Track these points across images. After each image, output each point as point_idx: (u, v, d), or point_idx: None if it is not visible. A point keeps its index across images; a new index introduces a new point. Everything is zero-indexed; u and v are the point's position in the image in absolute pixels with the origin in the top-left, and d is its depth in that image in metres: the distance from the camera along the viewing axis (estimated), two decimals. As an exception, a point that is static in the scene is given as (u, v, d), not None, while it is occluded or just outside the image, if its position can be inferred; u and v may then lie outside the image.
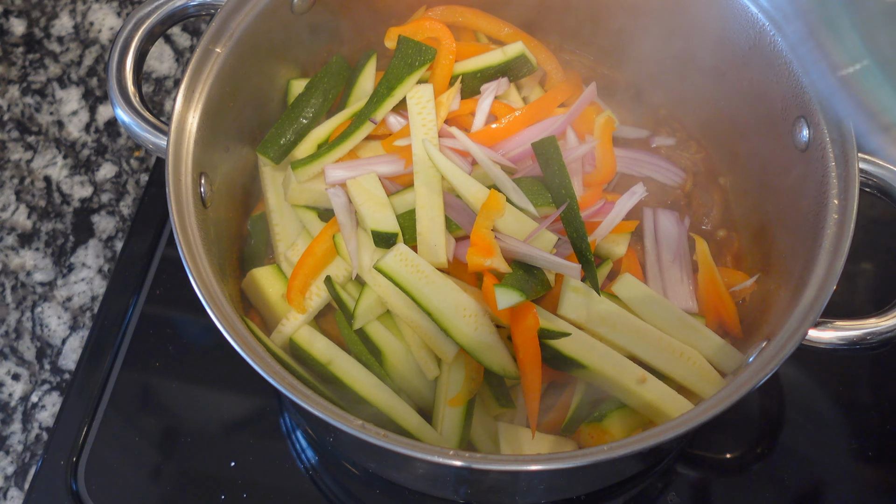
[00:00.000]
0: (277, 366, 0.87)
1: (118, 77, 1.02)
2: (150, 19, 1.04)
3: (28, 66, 1.48)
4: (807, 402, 1.18)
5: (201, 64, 1.02)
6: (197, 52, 1.01)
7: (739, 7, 1.06)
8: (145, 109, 1.02)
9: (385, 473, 1.11)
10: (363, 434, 0.82)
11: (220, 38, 1.03)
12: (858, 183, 0.94)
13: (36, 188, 1.38)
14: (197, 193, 0.98)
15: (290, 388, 0.85)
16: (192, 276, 0.90)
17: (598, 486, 1.12)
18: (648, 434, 0.83)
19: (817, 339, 0.92)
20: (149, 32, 1.04)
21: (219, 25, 1.03)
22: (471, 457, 0.81)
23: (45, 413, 1.23)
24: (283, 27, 1.10)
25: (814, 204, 0.98)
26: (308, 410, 0.83)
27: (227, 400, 1.18)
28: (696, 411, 0.85)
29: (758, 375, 0.86)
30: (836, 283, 0.90)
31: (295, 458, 1.15)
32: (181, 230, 0.93)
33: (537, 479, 0.99)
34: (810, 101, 0.99)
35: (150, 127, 1.01)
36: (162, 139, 1.00)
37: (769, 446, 1.15)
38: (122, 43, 1.03)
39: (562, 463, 0.82)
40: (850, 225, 0.92)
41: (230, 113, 1.08)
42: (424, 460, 0.82)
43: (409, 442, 0.82)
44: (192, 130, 1.00)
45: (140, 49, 1.04)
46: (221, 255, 1.04)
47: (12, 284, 1.32)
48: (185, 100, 1.00)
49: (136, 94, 1.02)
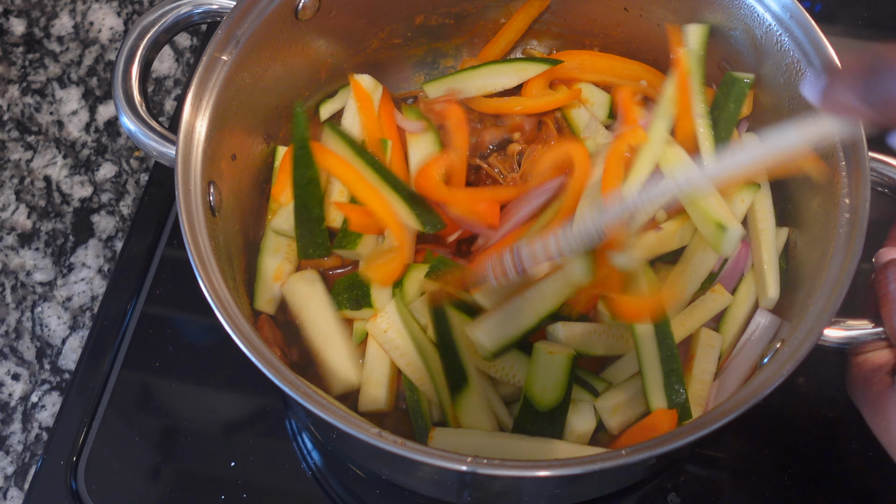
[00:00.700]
0: (291, 374, 0.87)
1: (124, 86, 1.02)
2: (156, 27, 1.04)
3: (28, 66, 1.48)
4: (813, 402, 1.17)
5: (208, 72, 1.01)
6: (203, 60, 1.01)
7: (746, 7, 1.06)
8: (151, 118, 1.02)
9: (391, 476, 1.11)
10: (379, 441, 0.81)
11: (226, 46, 1.03)
12: (870, 182, 0.94)
13: (36, 188, 1.38)
14: (206, 202, 0.98)
15: (305, 395, 0.84)
16: (203, 286, 0.90)
17: (610, 490, 1.12)
18: (663, 439, 0.82)
19: (833, 338, 0.92)
20: (154, 41, 1.04)
21: (225, 33, 1.02)
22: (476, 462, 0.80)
23: (44, 413, 1.23)
24: (287, 34, 1.10)
25: (825, 203, 0.97)
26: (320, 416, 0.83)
27: (228, 400, 1.18)
28: (713, 415, 0.84)
29: (775, 377, 0.86)
30: (850, 282, 0.90)
31: (300, 460, 1.15)
32: (192, 239, 0.93)
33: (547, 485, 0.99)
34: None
35: (157, 136, 1.01)
36: (168, 147, 1.00)
37: (774, 446, 1.15)
38: (127, 52, 1.03)
39: (571, 469, 0.81)
40: (863, 224, 0.92)
41: (237, 121, 1.08)
42: (437, 466, 0.81)
43: (423, 449, 0.81)
44: (200, 139, 0.99)
45: (145, 58, 1.03)
46: (231, 261, 1.04)
47: (12, 284, 1.31)
48: (192, 108, 0.99)
49: (143, 104, 1.02)
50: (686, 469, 1.14)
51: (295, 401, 0.85)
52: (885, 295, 0.91)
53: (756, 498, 1.12)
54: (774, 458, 1.14)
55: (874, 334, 0.92)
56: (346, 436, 0.83)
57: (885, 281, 0.91)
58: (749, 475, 1.13)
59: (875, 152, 0.96)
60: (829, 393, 1.17)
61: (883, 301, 0.91)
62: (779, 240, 1.09)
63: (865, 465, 1.13)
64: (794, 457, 1.14)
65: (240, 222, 1.11)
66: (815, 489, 1.13)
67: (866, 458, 1.13)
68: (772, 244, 1.07)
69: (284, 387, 0.85)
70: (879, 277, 0.92)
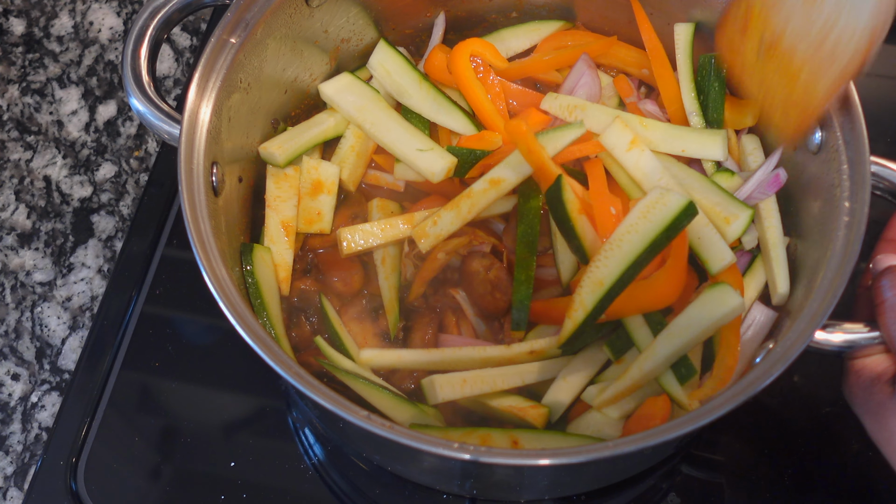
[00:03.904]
0: (287, 357, 0.87)
1: (133, 66, 1.02)
2: (166, 8, 1.04)
3: (28, 66, 1.48)
4: (813, 403, 1.18)
5: (216, 54, 1.02)
6: (211, 42, 1.01)
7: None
8: (160, 98, 1.02)
9: (392, 466, 1.11)
10: (368, 425, 0.82)
11: (235, 29, 1.03)
12: (870, 186, 0.94)
13: (36, 188, 1.38)
14: (209, 182, 0.98)
15: (299, 378, 0.85)
16: (202, 265, 0.90)
17: (604, 483, 1.12)
18: (654, 432, 0.83)
19: (825, 341, 0.92)
20: (165, 21, 1.04)
21: (234, 16, 1.03)
22: (476, 450, 0.81)
23: (44, 413, 1.23)
24: (297, 19, 1.10)
25: (825, 206, 0.98)
26: (317, 402, 0.83)
27: (228, 400, 1.18)
28: (703, 410, 0.85)
29: (765, 377, 0.86)
30: (845, 285, 0.89)
31: (302, 455, 1.15)
32: (192, 218, 0.93)
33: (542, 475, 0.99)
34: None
35: (165, 115, 1.01)
36: (175, 128, 1.00)
37: (774, 448, 1.15)
38: (137, 32, 1.03)
39: (568, 458, 0.81)
40: (861, 228, 0.92)
41: (244, 103, 1.08)
42: (430, 453, 0.81)
43: (414, 434, 0.82)
44: (205, 120, 1.00)
45: (155, 38, 1.04)
46: (231, 243, 1.04)
47: (12, 284, 1.31)
48: (198, 89, 1.00)
49: (151, 84, 1.03)
50: (686, 470, 1.15)
51: (295, 392, 0.85)
52: (882, 303, 0.90)
53: (756, 499, 1.13)
54: (774, 459, 1.14)
55: (871, 339, 0.92)
56: (345, 422, 0.83)
57: (882, 288, 0.91)
58: (749, 476, 1.14)
59: (876, 156, 0.96)
60: (829, 394, 1.17)
61: (880, 309, 0.90)
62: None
63: (864, 465, 1.13)
64: (793, 458, 1.14)
65: (242, 203, 1.11)
66: (815, 489, 1.13)
67: (865, 459, 1.13)
68: (779, 240, 1.06)
69: (278, 368, 0.85)
70: (876, 285, 0.92)
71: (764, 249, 1.07)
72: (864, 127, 0.95)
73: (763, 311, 1.03)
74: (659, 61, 1.16)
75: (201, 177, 0.97)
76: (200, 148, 0.98)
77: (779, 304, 1.04)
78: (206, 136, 0.99)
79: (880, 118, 1.34)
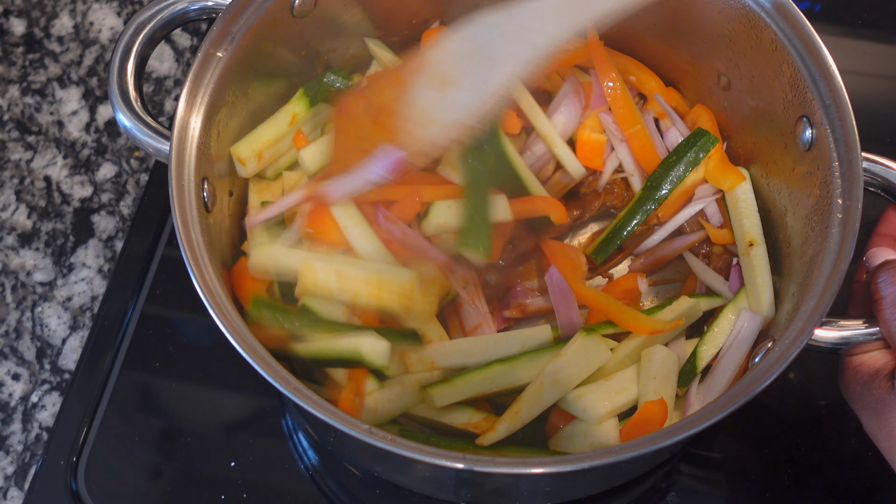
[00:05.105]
0: (282, 369, 0.87)
1: (119, 82, 1.02)
2: (151, 24, 1.04)
3: (28, 66, 1.48)
4: (811, 401, 1.18)
5: (203, 69, 1.01)
6: (198, 56, 1.01)
7: (739, 5, 1.06)
8: (147, 114, 1.02)
9: (388, 476, 1.11)
10: (369, 438, 0.81)
11: (221, 43, 1.03)
12: (862, 182, 0.94)
13: (36, 188, 1.38)
14: (200, 198, 0.98)
15: (296, 391, 0.85)
16: (196, 281, 0.90)
17: (603, 488, 1.12)
18: (655, 436, 0.83)
19: (823, 338, 0.92)
20: (149, 37, 1.04)
21: (220, 30, 1.02)
22: (474, 460, 0.81)
23: (45, 413, 1.23)
24: (283, 31, 1.10)
25: (817, 203, 0.98)
26: (312, 413, 0.83)
27: (227, 400, 1.18)
28: (705, 412, 0.85)
29: (765, 376, 0.86)
30: (841, 282, 0.90)
31: (297, 459, 1.15)
32: (185, 235, 0.93)
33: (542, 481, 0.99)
34: (813, 100, 0.99)
35: (152, 132, 1.01)
36: (163, 143, 1.00)
37: (773, 446, 1.15)
38: (122, 48, 1.03)
39: (566, 466, 0.81)
40: (856, 224, 0.92)
41: (232, 118, 1.08)
42: (429, 464, 0.81)
43: (415, 446, 0.81)
44: (194, 135, 0.99)
45: (141, 54, 1.03)
46: (223, 256, 1.04)
47: (12, 284, 1.32)
48: (187, 104, 0.99)
49: (138, 99, 1.02)
50: (686, 470, 1.15)
51: (288, 399, 0.85)
52: (881, 299, 0.90)
53: (756, 498, 1.13)
54: (773, 457, 1.14)
55: (868, 335, 0.91)
56: (340, 434, 0.83)
57: (881, 284, 0.91)
58: (748, 475, 1.14)
59: (868, 152, 0.96)
60: (827, 392, 1.17)
61: (879, 305, 0.90)
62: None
63: (864, 463, 1.13)
64: (793, 456, 1.14)
65: (233, 217, 1.11)
66: (815, 488, 1.13)
67: (865, 457, 1.13)
68: (763, 259, 1.08)
69: (276, 383, 0.85)
70: (874, 280, 0.92)
71: (747, 271, 1.09)
72: (854, 123, 0.95)
73: (750, 316, 1.04)
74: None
75: (193, 193, 0.97)
76: (191, 164, 0.98)
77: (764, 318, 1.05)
78: (196, 152, 0.99)
79: (880, 119, 1.34)
